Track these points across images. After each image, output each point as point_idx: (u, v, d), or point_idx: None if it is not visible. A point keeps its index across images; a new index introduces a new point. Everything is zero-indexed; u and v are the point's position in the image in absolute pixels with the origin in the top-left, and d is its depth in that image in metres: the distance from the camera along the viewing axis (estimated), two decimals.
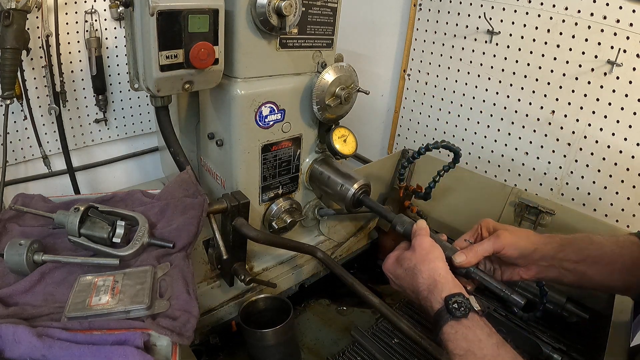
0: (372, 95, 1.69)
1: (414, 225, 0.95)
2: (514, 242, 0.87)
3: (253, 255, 1.27)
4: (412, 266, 0.85)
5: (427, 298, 0.80)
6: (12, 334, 0.60)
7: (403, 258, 0.89)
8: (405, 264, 0.87)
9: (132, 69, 0.96)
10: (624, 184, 1.23)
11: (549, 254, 0.86)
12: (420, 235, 0.90)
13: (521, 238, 0.87)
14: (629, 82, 1.17)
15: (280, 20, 0.97)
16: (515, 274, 0.91)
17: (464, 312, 0.74)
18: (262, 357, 1.09)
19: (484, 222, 0.94)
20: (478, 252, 0.87)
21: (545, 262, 0.87)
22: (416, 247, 0.87)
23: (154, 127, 1.76)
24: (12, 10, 1.13)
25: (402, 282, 0.88)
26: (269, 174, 1.17)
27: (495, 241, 0.87)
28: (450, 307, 0.74)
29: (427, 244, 0.87)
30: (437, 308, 0.77)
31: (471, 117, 1.56)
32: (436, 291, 0.79)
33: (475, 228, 0.95)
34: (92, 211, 0.85)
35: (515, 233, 0.89)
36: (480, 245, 0.88)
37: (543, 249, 0.86)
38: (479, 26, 1.45)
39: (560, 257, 0.86)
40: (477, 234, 0.94)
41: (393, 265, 0.91)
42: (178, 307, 0.72)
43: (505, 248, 0.87)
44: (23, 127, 1.42)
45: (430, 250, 0.85)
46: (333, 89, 1.12)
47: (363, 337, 1.13)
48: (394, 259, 0.92)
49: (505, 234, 0.88)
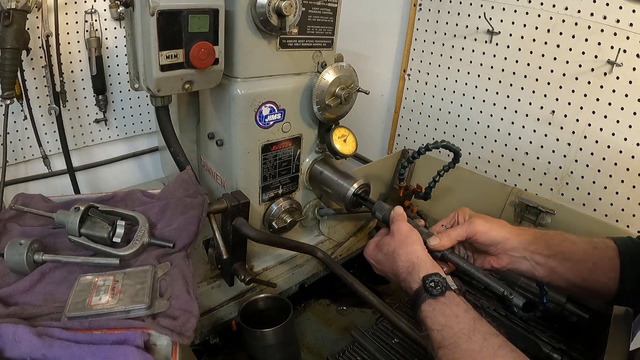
0: (372, 95, 1.69)
1: (392, 211, 0.98)
2: (487, 229, 0.89)
3: (253, 255, 1.27)
4: (392, 250, 0.88)
5: (406, 279, 0.83)
6: (12, 333, 0.60)
7: (382, 243, 0.92)
8: (385, 248, 0.90)
9: (132, 69, 0.96)
10: (624, 184, 1.23)
11: (521, 246, 0.87)
12: (398, 221, 0.92)
13: (494, 226, 0.89)
14: (629, 82, 1.17)
15: (280, 20, 0.97)
16: (487, 262, 0.92)
17: (440, 291, 0.76)
18: (262, 356, 1.09)
19: (460, 210, 0.97)
20: (451, 236, 0.90)
21: (517, 253, 0.88)
22: (395, 232, 0.90)
23: (154, 127, 1.76)
24: (12, 10, 1.13)
25: (383, 266, 0.91)
26: (269, 173, 1.17)
27: (469, 227, 0.89)
28: (427, 286, 0.77)
29: (405, 229, 0.90)
30: (415, 288, 0.80)
31: (471, 117, 1.56)
32: (414, 272, 0.81)
33: (452, 215, 0.97)
34: (93, 211, 0.85)
35: (489, 221, 0.91)
36: (453, 230, 0.91)
37: (515, 239, 0.88)
38: (479, 26, 1.45)
39: (532, 249, 0.86)
40: (453, 221, 0.97)
41: (373, 250, 0.94)
42: (178, 306, 0.72)
43: (478, 234, 0.89)
44: (23, 127, 1.42)
45: (408, 235, 0.88)
46: (333, 89, 1.12)
47: (363, 337, 1.13)
48: (374, 245, 0.95)
49: (478, 220, 0.90)
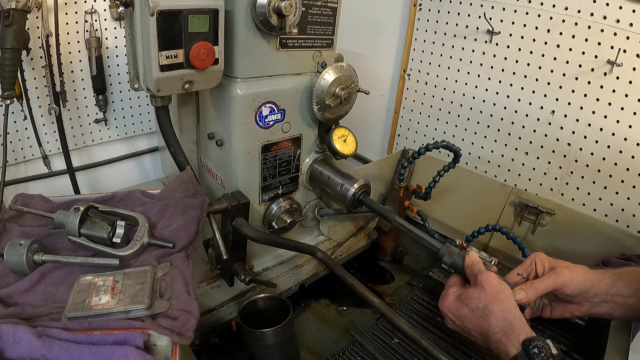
0: (372, 95, 1.69)
1: (466, 257, 0.91)
2: (573, 279, 0.85)
3: (253, 255, 1.27)
4: (483, 306, 0.80)
5: (500, 341, 0.76)
6: (12, 334, 0.60)
7: (469, 297, 0.84)
8: (473, 303, 0.82)
9: (132, 69, 0.96)
10: (624, 184, 1.23)
11: (603, 290, 0.85)
12: (485, 272, 0.86)
13: (580, 275, 0.86)
14: (629, 82, 1.17)
15: (280, 20, 0.97)
16: (567, 311, 0.89)
17: (544, 358, 0.71)
18: (262, 356, 1.09)
19: (537, 257, 0.92)
20: (538, 289, 0.85)
21: (598, 298, 0.86)
22: (484, 285, 0.83)
23: (154, 127, 1.76)
24: (12, 10, 1.13)
25: (466, 323, 0.83)
26: (269, 174, 1.17)
27: (556, 279, 0.85)
28: (530, 353, 0.71)
29: (496, 282, 0.83)
30: (514, 353, 0.74)
31: (471, 117, 1.56)
32: (512, 334, 0.75)
33: (529, 263, 0.92)
34: (92, 211, 0.85)
35: (572, 270, 0.87)
36: (540, 282, 0.86)
37: (597, 285, 0.85)
38: (479, 26, 1.45)
39: (613, 292, 0.85)
40: (530, 269, 0.92)
41: (455, 304, 0.86)
42: (178, 307, 0.72)
43: (565, 286, 0.85)
44: (23, 127, 1.42)
45: (501, 289, 0.82)
46: (333, 89, 1.12)
47: (363, 337, 1.12)
48: (454, 297, 0.87)
49: (565, 271, 0.86)
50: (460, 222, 1.49)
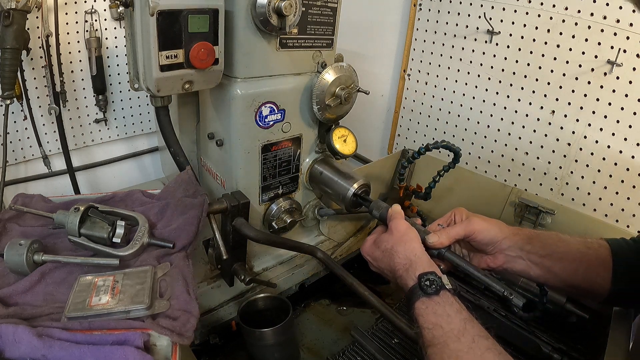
0: (372, 95, 1.69)
1: (389, 209, 0.98)
2: (485, 228, 0.90)
3: (253, 255, 1.27)
4: (390, 247, 0.88)
5: (402, 276, 0.83)
6: (12, 334, 0.60)
7: (380, 240, 0.92)
8: (383, 245, 0.90)
9: (132, 69, 0.96)
10: (624, 184, 1.23)
11: (517, 245, 0.88)
12: (396, 219, 0.93)
13: (492, 226, 0.90)
14: (629, 82, 1.16)
15: (280, 20, 0.96)
16: (483, 262, 0.93)
17: (435, 290, 0.76)
18: (262, 356, 1.09)
19: (457, 210, 0.97)
20: (450, 234, 0.90)
21: (513, 252, 0.89)
22: (393, 229, 0.90)
23: (154, 127, 1.76)
24: (12, 10, 1.13)
25: (380, 263, 0.91)
26: (269, 174, 1.17)
27: (467, 226, 0.90)
28: (422, 285, 0.77)
29: (403, 227, 0.90)
30: (410, 285, 0.80)
31: (471, 117, 1.56)
32: (411, 270, 0.82)
33: (449, 215, 0.98)
34: (92, 211, 0.85)
35: (486, 220, 0.92)
36: (452, 229, 0.91)
37: (512, 238, 0.89)
38: (479, 26, 1.45)
39: (528, 249, 0.88)
40: (450, 220, 0.97)
41: (371, 247, 0.94)
42: (178, 307, 0.72)
43: (476, 233, 0.89)
44: (23, 127, 1.42)
45: (406, 232, 0.89)
46: (333, 89, 1.12)
47: (363, 337, 1.13)
48: (371, 242, 0.95)
49: (476, 219, 0.91)
50: None
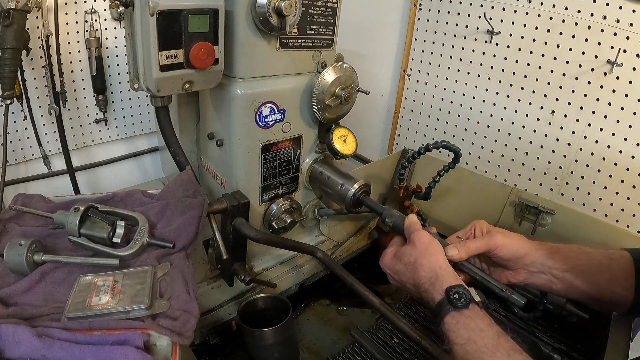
0: (372, 95, 1.69)
1: (406, 219, 0.96)
2: (507, 243, 0.88)
3: (253, 255, 1.27)
4: (413, 260, 0.86)
5: (428, 290, 0.81)
6: (12, 334, 0.60)
7: (402, 253, 0.90)
8: (405, 259, 0.88)
9: (132, 69, 0.96)
10: (624, 184, 1.23)
11: (539, 260, 0.87)
12: (417, 230, 0.91)
13: (513, 241, 0.89)
14: (629, 82, 1.16)
15: (280, 20, 0.96)
16: (504, 277, 0.91)
17: (464, 303, 0.75)
18: (261, 356, 1.09)
19: (477, 223, 0.96)
20: (470, 248, 0.89)
21: (535, 268, 0.88)
22: (415, 241, 0.88)
23: (154, 127, 1.76)
24: (12, 10, 1.13)
25: (402, 277, 0.89)
26: (269, 174, 1.17)
27: (489, 240, 0.89)
28: (451, 298, 0.75)
29: (426, 238, 0.88)
30: (438, 299, 0.78)
31: (471, 117, 1.56)
32: (437, 283, 0.80)
33: (469, 227, 0.96)
34: (92, 211, 0.85)
35: (508, 235, 0.90)
36: (473, 243, 0.90)
37: (534, 254, 0.87)
38: (479, 26, 1.45)
39: (550, 264, 0.86)
40: (469, 233, 0.96)
41: (392, 261, 0.92)
42: (178, 307, 0.72)
43: (498, 249, 0.88)
44: (23, 127, 1.42)
45: (430, 245, 0.87)
46: (333, 89, 1.12)
47: (363, 337, 1.13)
48: (391, 255, 0.93)
49: (498, 235, 0.89)
50: (460, 222, 1.49)
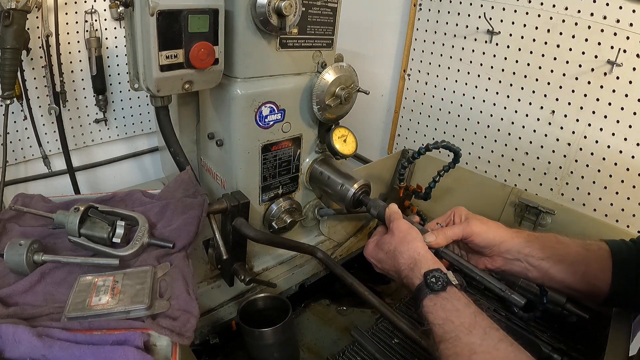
0: (372, 95, 1.69)
1: (387, 208, 0.98)
2: (483, 230, 0.90)
3: (253, 255, 1.27)
4: (393, 249, 0.88)
5: (408, 276, 0.83)
6: (12, 334, 0.60)
7: (383, 242, 0.92)
8: (386, 247, 0.90)
9: (132, 69, 0.96)
10: (624, 184, 1.23)
11: (515, 248, 0.88)
12: (396, 219, 0.93)
13: (490, 228, 0.90)
14: (629, 82, 1.16)
15: (280, 20, 0.96)
16: (481, 263, 0.93)
17: (441, 286, 0.76)
18: (261, 356, 1.09)
19: (457, 209, 0.97)
20: (447, 234, 0.90)
21: (511, 255, 0.89)
22: (394, 229, 0.91)
23: (154, 127, 1.76)
24: (12, 10, 1.13)
25: (384, 265, 0.91)
26: (269, 174, 1.17)
27: (466, 227, 0.90)
28: (428, 282, 0.77)
29: (405, 226, 0.90)
30: (417, 284, 0.80)
31: (471, 117, 1.56)
32: (416, 268, 0.82)
33: (448, 214, 0.98)
34: (92, 211, 0.85)
35: (485, 222, 0.92)
36: (450, 229, 0.91)
37: (510, 242, 0.89)
38: (479, 26, 1.45)
39: (526, 252, 0.88)
40: (449, 220, 0.97)
41: (374, 250, 0.94)
42: (178, 307, 0.72)
43: (474, 235, 0.89)
44: (23, 127, 1.42)
45: (408, 232, 0.89)
46: (333, 89, 1.12)
47: (363, 337, 1.13)
48: (374, 244, 0.95)
49: (475, 222, 0.91)
50: None
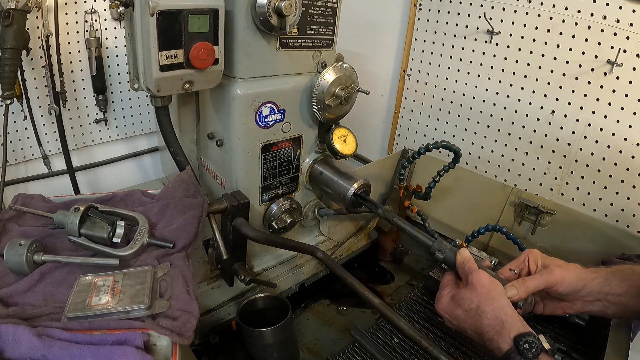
0: (372, 95, 1.69)
1: (458, 254, 0.91)
2: (566, 278, 0.85)
3: (253, 255, 1.27)
4: (475, 307, 0.81)
5: (493, 339, 0.77)
6: (12, 334, 0.60)
7: (462, 298, 0.84)
8: (466, 304, 0.83)
9: (132, 69, 0.96)
10: (624, 184, 1.23)
11: (595, 289, 0.85)
12: (475, 271, 0.86)
13: (571, 274, 0.86)
14: (629, 82, 1.16)
15: (280, 20, 0.97)
16: (559, 309, 0.89)
17: (535, 353, 0.71)
18: (261, 356, 1.09)
19: (531, 253, 0.92)
20: (529, 286, 0.85)
21: (591, 297, 0.86)
22: (475, 284, 0.83)
23: (154, 127, 1.76)
24: (12, 10, 1.13)
25: (462, 323, 0.84)
26: (269, 174, 1.17)
27: (548, 277, 0.85)
28: (521, 348, 0.72)
29: (487, 281, 0.83)
30: (505, 349, 0.74)
31: (471, 117, 1.56)
32: (504, 331, 0.76)
33: (522, 259, 0.92)
34: (92, 211, 0.85)
35: (566, 268, 0.87)
36: (532, 280, 0.86)
37: (590, 284, 0.85)
38: (479, 26, 1.45)
39: (606, 291, 0.85)
40: (523, 265, 0.92)
41: (449, 305, 0.87)
42: (178, 307, 0.72)
43: (558, 284, 0.85)
44: (23, 127, 1.42)
45: (492, 288, 0.82)
46: (333, 89, 1.12)
47: (363, 337, 1.12)
48: (448, 298, 0.87)
49: (557, 270, 0.86)
50: (460, 222, 1.49)
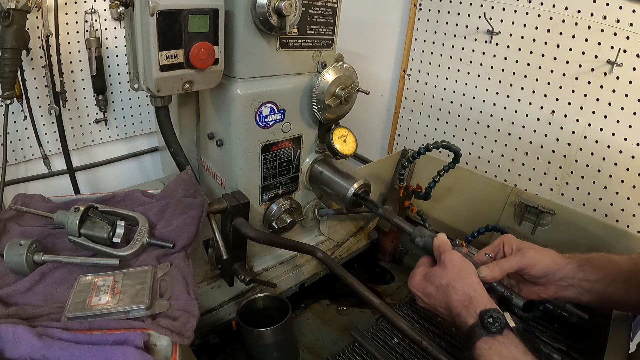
0: (372, 95, 1.69)
1: (435, 238, 0.93)
2: (539, 261, 0.87)
3: (253, 255, 1.27)
4: (445, 284, 0.83)
5: (461, 314, 0.79)
6: (12, 334, 0.60)
7: (433, 275, 0.87)
8: (437, 281, 0.85)
9: (132, 69, 0.96)
10: (624, 184, 1.23)
11: (570, 274, 0.86)
12: (448, 251, 0.88)
13: (545, 257, 0.87)
14: (629, 82, 1.16)
15: (280, 20, 0.97)
16: (533, 293, 0.90)
17: (498, 328, 0.72)
18: (261, 355, 1.10)
19: (505, 238, 0.94)
20: (503, 267, 0.87)
21: (565, 282, 0.87)
22: (447, 263, 0.86)
23: (154, 127, 1.76)
24: (12, 10, 1.13)
25: (433, 300, 0.86)
26: (269, 174, 1.17)
27: (522, 259, 0.87)
28: (485, 323, 0.73)
29: (458, 260, 0.85)
30: (470, 323, 0.76)
31: (471, 117, 1.56)
32: (471, 307, 0.78)
33: (497, 243, 0.94)
34: (92, 211, 0.85)
35: (539, 252, 0.88)
36: (506, 262, 0.87)
37: (564, 268, 0.87)
38: (479, 26, 1.45)
39: (580, 277, 0.86)
40: (498, 249, 0.94)
41: (422, 283, 0.88)
42: (178, 307, 0.72)
43: (530, 266, 0.86)
44: (23, 127, 1.42)
45: (463, 267, 0.84)
46: (333, 89, 1.12)
47: (363, 337, 1.12)
48: (421, 276, 0.89)
49: (530, 252, 0.88)
50: (460, 222, 1.49)
